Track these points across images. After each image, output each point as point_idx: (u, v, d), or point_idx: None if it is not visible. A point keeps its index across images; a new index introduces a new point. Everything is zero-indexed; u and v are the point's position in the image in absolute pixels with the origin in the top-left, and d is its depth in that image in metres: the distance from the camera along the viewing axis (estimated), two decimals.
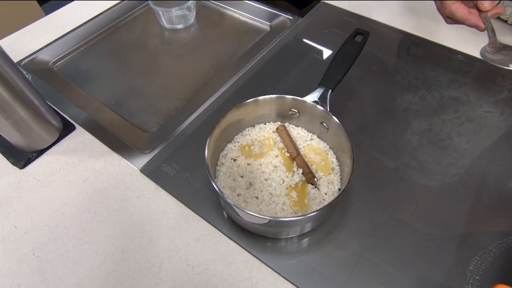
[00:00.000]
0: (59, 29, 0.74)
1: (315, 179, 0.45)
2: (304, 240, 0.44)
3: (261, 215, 0.38)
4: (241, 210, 0.38)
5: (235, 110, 0.46)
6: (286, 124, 0.51)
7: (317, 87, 0.48)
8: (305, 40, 0.70)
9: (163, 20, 0.75)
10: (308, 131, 0.51)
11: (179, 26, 0.76)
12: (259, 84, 0.63)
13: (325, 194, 0.44)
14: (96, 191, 0.49)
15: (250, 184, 0.45)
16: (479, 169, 0.50)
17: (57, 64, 0.70)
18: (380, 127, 0.56)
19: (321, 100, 0.47)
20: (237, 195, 0.44)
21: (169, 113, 0.61)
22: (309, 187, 0.45)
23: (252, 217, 0.38)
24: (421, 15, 0.74)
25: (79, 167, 0.52)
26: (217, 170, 0.47)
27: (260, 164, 0.47)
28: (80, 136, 0.56)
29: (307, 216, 0.38)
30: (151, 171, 0.51)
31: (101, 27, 0.76)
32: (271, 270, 0.42)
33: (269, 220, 0.38)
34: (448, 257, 0.42)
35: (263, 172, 0.46)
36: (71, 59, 0.71)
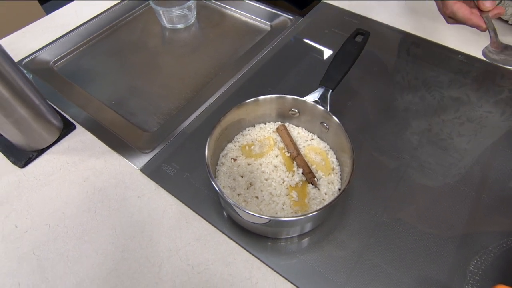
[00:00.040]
0: (59, 29, 0.74)
1: (315, 179, 0.45)
2: (304, 240, 0.44)
3: (261, 214, 0.38)
4: (241, 209, 0.38)
5: (235, 110, 0.46)
6: (286, 124, 0.51)
7: (318, 87, 0.48)
8: (305, 40, 0.70)
9: (164, 19, 0.75)
10: (308, 131, 0.51)
11: (180, 26, 0.76)
12: (260, 84, 0.63)
13: (325, 194, 0.44)
14: (97, 191, 0.49)
15: (250, 183, 0.45)
16: (479, 169, 0.50)
17: (58, 63, 0.70)
18: (380, 127, 0.56)
19: (322, 100, 0.47)
20: (237, 194, 0.44)
21: (170, 113, 0.61)
22: (309, 187, 0.45)
23: (252, 216, 0.38)
24: (422, 15, 0.74)
25: (80, 166, 0.52)
26: (217, 170, 0.47)
27: (260, 164, 0.47)
28: (81, 136, 0.56)
29: (307, 216, 0.38)
30: (151, 171, 0.51)
31: (101, 27, 0.76)
32: (271, 270, 0.42)
33: (269, 220, 0.38)
34: (448, 257, 0.42)
35: (263, 172, 0.46)
36: (72, 59, 0.71)
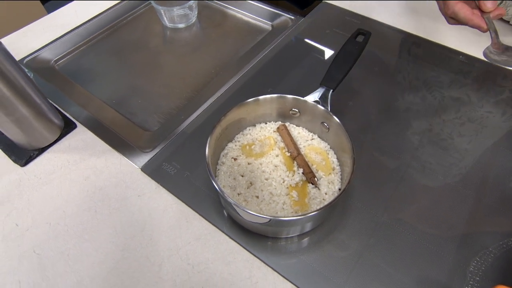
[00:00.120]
0: (61, 28, 0.74)
1: (315, 178, 0.45)
2: (304, 239, 0.44)
3: (261, 214, 0.38)
4: (241, 209, 0.38)
5: (236, 110, 0.46)
6: (287, 124, 0.51)
7: (318, 87, 0.48)
8: (306, 40, 0.70)
9: (165, 19, 0.75)
10: (309, 130, 0.51)
11: (181, 25, 0.76)
12: (260, 84, 0.63)
13: (326, 194, 0.44)
14: (97, 190, 0.49)
15: (250, 183, 0.45)
16: (480, 169, 0.50)
17: (59, 62, 0.70)
18: (381, 127, 0.56)
19: (322, 100, 0.47)
20: (238, 194, 0.44)
21: (170, 112, 0.61)
22: (310, 187, 0.45)
23: (253, 216, 0.38)
24: (423, 15, 0.74)
25: (80, 165, 0.52)
26: (218, 169, 0.47)
27: (260, 164, 0.47)
28: (81, 135, 0.56)
29: (307, 215, 0.38)
30: (152, 170, 0.51)
31: (103, 26, 0.76)
32: (271, 270, 0.42)
33: (269, 220, 0.38)
34: (448, 258, 0.42)
35: (263, 171, 0.46)
36: (73, 58, 0.71)
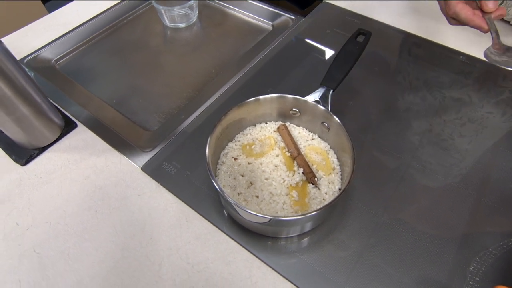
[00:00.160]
0: (61, 27, 0.74)
1: (315, 178, 0.45)
2: (304, 239, 0.44)
3: (262, 214, 0.38)
4: (241, 209, 0.38)
5: (236, 109, 0.46)
6: (287, 124, 0.51)
7: (319, 86, 0.48)
8: (307, 40, 0.70)
9: (166, 19, 0.75)
10: (309, 130, 0.51)
11: (181, 25, 0.76)
12: (261, 84, 0.63)
13: (326, 193, 0.44)
14: (97, 189, 0.50)
15: (250, 183, 0.45)
16: (480, 170, 0.50)
17: (60, 62, 0.70)
18: (382, 127, 0.56)
19: (323, 100, 0.47)
20: (238, 194, 0.44)
21: (171, 112, 0.61)
22: (310, 187, 0.45)
23: (253, 216, 0.38)
24: (423, 15, 0.74)
25: (81, 164, 0.52)
26: (218, 169, 0.47)
27: (260, 163, 0.47)
28: (82, 134, 0.56)
29: (307, 215, 0.38)
30: (152, 169, 0.51)
31: (103, 26, 0.76)
32: (271, 269, 0.42)
33: (269, 219, 0.38)
34: (448, 258, 0.42)
35: (263, 171, 0.46)
36: (74, 57, 0.71)
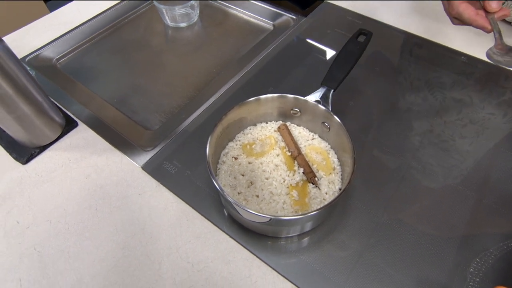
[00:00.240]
0: (63, 26, 0.74)
1: (316, 178, 0.45)
2: (304, 239, 0.44)
3: (262, 213, 0.38)
4: (241, 208, 0.38)
5: (237, 109, 0.46)
6: (287, 123, 0.51)
7: (319, 86, 0.48)
8: (308, 39, 0.70)
9: (167, 18, 0.75)
10: (309, 130, 0.51)
11: (183, 24, 0.77)
12: (262, 83, 0.63)
13: (326, 193, 0.44)
14: (98, 188, 0.50)
15: (251, 182, 0.45)
16: (481, 171, 0.50)
17: (61, 61, 0.71)
18: (382, 127, 0.56)
19: (323, 99, 0.47)
20: (238, 193, 0.44)
21: (172, 111, 0.61)
22: (310, 187, 0.45)
23: (253, 215, 0.38)
24: (425, 16, 0.74)
25: (81, 163, 0.52)
26: (218, 168, 0.47)
27: (261, 163, 0.47)
28: (83, 133, 0.56)
29: (308, 215, 0.38)
30: (152, 169, 0.51)
31: (104, 25, 0.77)
32: (270, 269, 0.42)
33: (270, 219, 0.38)
34: (449, 259, 0.42)
35: (264, 170, 0.46)
36: (75, 56, 0.72)
